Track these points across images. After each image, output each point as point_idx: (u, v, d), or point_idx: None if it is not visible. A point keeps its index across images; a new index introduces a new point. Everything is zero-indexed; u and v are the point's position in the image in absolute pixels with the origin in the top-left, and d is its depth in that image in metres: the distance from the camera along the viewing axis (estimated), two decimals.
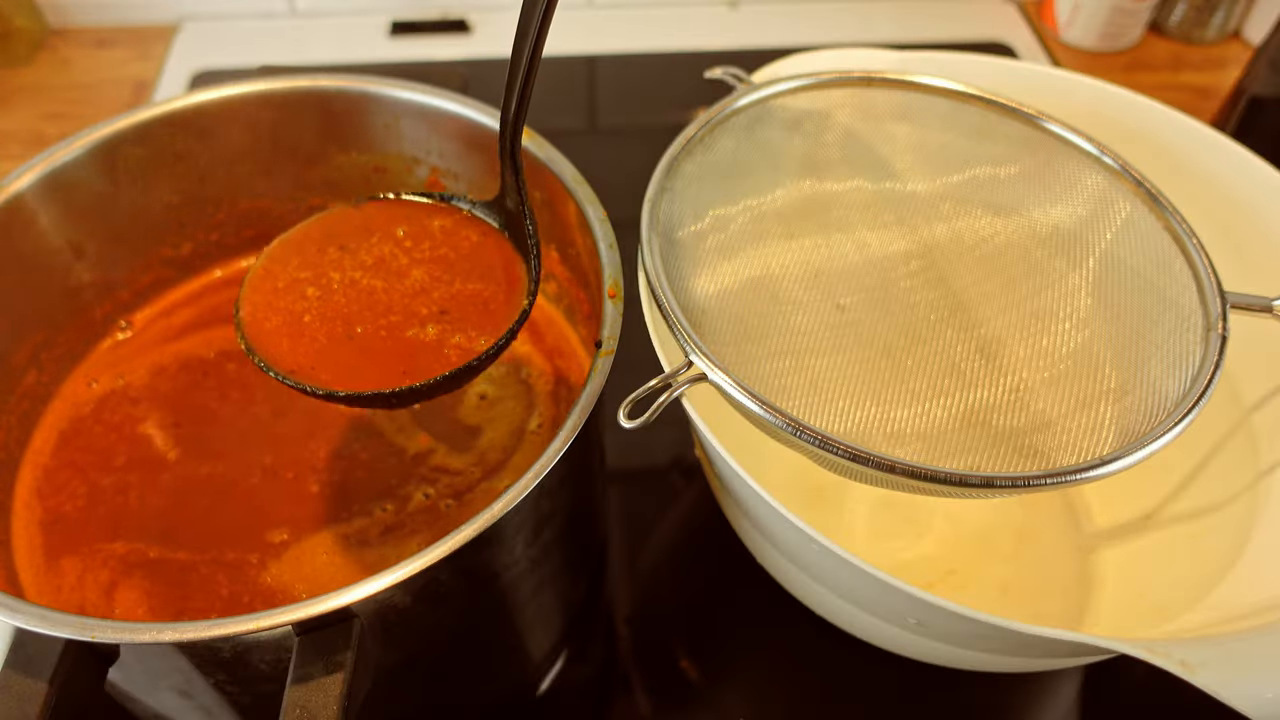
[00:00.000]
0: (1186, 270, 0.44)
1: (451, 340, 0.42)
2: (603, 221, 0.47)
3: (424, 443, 0.52)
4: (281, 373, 0.40)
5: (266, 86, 0.55)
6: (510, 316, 0.42)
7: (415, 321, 0.42)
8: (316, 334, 0.42)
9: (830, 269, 0.50)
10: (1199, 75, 0.90)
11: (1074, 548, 0.52)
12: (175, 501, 0.50)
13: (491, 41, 0.91)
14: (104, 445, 0.51)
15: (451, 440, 0.52)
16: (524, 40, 0.39)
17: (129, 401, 0.53)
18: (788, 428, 0.37)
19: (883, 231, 0.52)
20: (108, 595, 0.46)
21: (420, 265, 0.44)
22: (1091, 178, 0.48)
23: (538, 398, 0.54)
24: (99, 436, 0.52)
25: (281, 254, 0.45)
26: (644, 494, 0.59)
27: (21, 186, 0.49)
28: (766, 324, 0.49)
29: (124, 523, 0.49)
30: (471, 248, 0.45)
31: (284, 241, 0.45)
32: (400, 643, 0.41)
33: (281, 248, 0.45)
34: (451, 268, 0.44)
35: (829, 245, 0.51)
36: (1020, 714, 0.52)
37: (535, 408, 0.54)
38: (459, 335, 0.42)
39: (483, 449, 0.52)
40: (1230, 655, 0.33)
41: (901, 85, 0.51)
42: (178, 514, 0.49)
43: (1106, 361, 0.46)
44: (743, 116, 0.50)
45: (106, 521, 0.49)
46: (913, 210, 0.52)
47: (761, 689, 0.52)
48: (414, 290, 0.44)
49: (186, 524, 0.49)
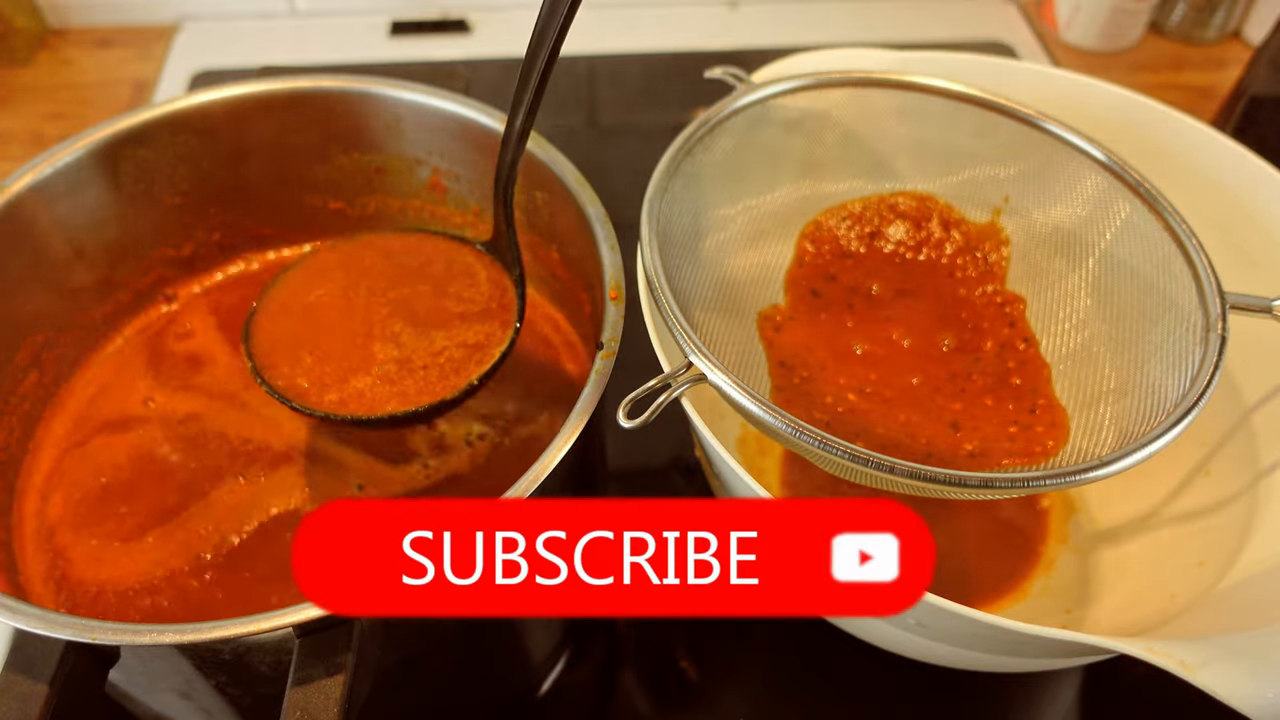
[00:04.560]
0: (1186, 270, 0.44)
1: (445, 367, 0.45)
2: (604, 223, 0.47)
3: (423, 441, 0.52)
4: (279, 390, 0.43)
5: (268, 87, 0.55)
6: (502, 342, 0.45)
7: (419, 348, 0.45)
8: (325, 356, 0.45)
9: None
10: (1199, 75, 0.90)
11: (1074, 548, 0.52)
12: (176, 501, 0.50)
13: (491, 41, 0.91)
14: (106, 445, 0.51)
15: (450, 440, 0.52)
16: (521, 95, 0.41)
17: (130, 401, 0.53)
18: (788, 428, 0.37)
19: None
20: (109, 595, 0.46)
21: (430, 294, 0.47)
22: (1091, 178, 0.48)
23: (540, 398, 0.54)
24: (101, 437, 0.52)
25: (298, 277, 0.48)
26: (644, 494, 0.59)
27: (22, 187, 0.49)
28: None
29: (126, 522, 0.49)
30: (475, 279, 0.48)
31: (302, 268, 0.48)
32: (401, 644, 0.41)
33: (300, 271, 0.48)
34: (458, 298, 0.47)
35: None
36: (1020, 714, 0.52)
37: (537, 408, 0.54)
38: (454, 361, 0.45)
39: (483, 449, 0.52)
40: (1230, 655, 0.33)
41: (901, 85, 0.51)
42: (179, 513, 0.49)
43: (1106, 362, 0.46)
44: (742, 116, 0.50)
45: (109, 521, 0.49)
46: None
47: (761, 689, 0.53)
48: (421, 316, 0.46)
49: (186, 523, 0.49)
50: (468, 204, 0.58)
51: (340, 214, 0.60)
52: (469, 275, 0.48)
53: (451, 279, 0.48)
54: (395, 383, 0.44)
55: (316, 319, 0.46)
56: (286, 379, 0.44)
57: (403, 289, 0.47)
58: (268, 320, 0.46)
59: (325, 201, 0.60)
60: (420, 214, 0.60)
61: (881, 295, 0.52)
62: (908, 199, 0.53)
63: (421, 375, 0.44)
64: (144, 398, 0.54)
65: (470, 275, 0.48)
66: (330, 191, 0.59)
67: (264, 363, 0.44)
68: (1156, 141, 0.52)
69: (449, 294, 0.47)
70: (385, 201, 0.60)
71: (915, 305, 0.52)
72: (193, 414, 0.53)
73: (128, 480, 0.50)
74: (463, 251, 0.49)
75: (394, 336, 0.45)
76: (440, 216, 0.60)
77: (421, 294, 0.47)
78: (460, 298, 0.47)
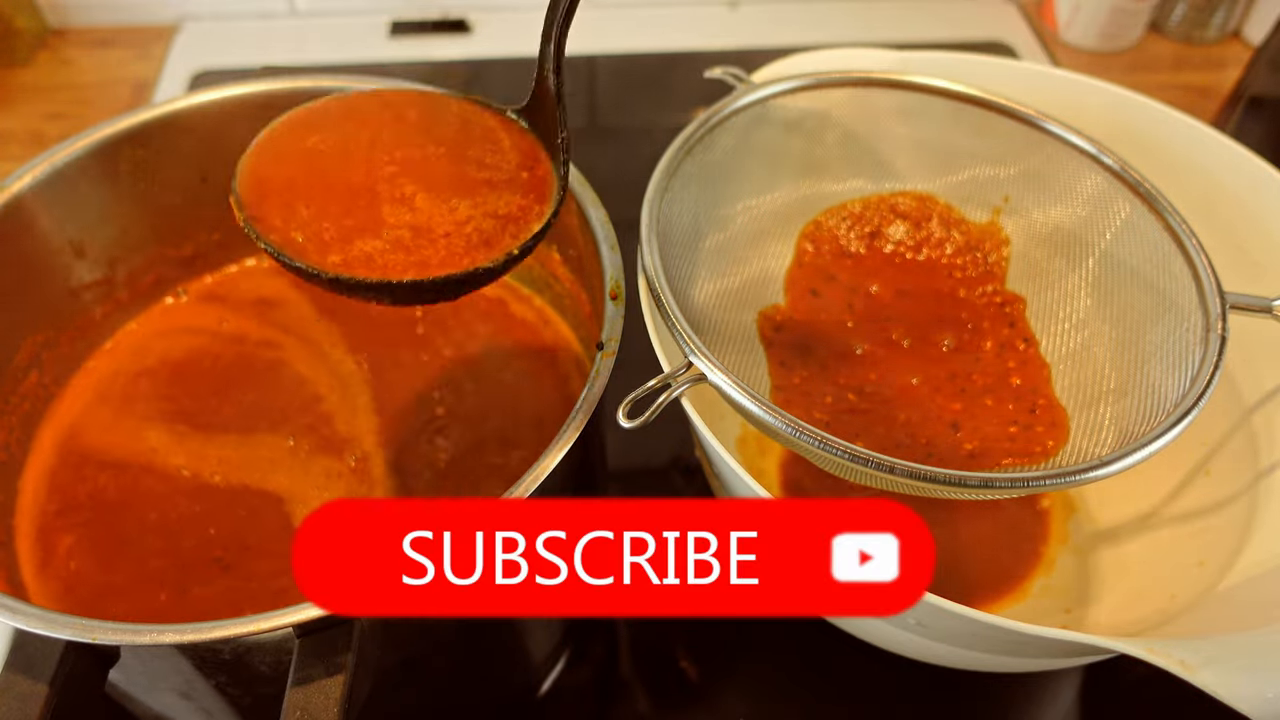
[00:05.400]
0: (1186, 270, 0.44)
1: (473, 238, 0.38)
2: (604, 223, 0.47)
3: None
4: (274, 245, 0.37)
5: (268, 87, 0.55)
6: (541, 216, 0.40)
7: (437, 214, 0.39)
8: (324, 211, 0.38)
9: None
10: (1199, 75, 0.90)
11: (1074, 548, 0.52)
12: (178, 500, 0.49)
13: (491, 41, 0.91)
14: (107, 445, 0.51)
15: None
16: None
17: (132, 402, 0.53)
18: (788, 428, 0.37)
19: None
20: (111, 596, 0.46)
21: (446, 157, 0.41)
22: (1091, 178, 0.48)
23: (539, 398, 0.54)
24: (102, 437, 0.52)
25: (295, 121, 0.41)
26: (644, 494, 0.59)
27: (22, 187, 0.49)
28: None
29: (127, 522, 0.49)
30: (499, 145, 0.42)
31: (299, 111, 0.42)
32: (401, 644, 0.41)
33: (297, 115, 0.42)
34: (479, 164, 0.41)
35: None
36: (1020, 714, 0.52)
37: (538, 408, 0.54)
38: (482, 233, 0.39)
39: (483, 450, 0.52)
40: (1230, 655, 0.33)
41: (901, 85, 0.51)
42: (179, 513, 0.49)
43: (1106, 362, 0.46)
44: (743, 116, 0.50)
45: (110, 521, 0.49)
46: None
47: (761, 689, 0.53)
48: (437, 181, 0.40)
49: (187, 524, 0.49)
50: None
51: None
52: (491, 141, 0.42)
53: (470, 143, 0.41)
54: (411, 251, 0.38)
55: (314, 170, 0.39)
56: (280, 233, 0.37)
57: (411, 149, 0.41)
58: (259, 164, 0.39)
59: None
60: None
61: (881, 295, 0.52)
62: (908, 199, 0.53)
63: (444, 244, 0.38)
64: (146, 397, 0.53)
65: (493, 141, 0.42)
66: None
67: (253, 214, 0.38)
68: (1156, 141, 0.52)
69: (468, 159, 0.41)
70: None
71: (915, 305, 0.52)
72: (195, 413, 0.53)
73: (123, 521, 0.50)
74: (483, 115, 0.43)
75: (406, 200, 0.39)
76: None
77: (435, 156, 0.41)
78: (482, 164, 0.41)
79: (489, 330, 0.57)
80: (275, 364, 0.55)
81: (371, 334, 0.56)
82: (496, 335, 0.57)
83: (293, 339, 0.56)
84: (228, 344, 0.56)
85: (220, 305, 0.58)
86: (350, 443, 0.51)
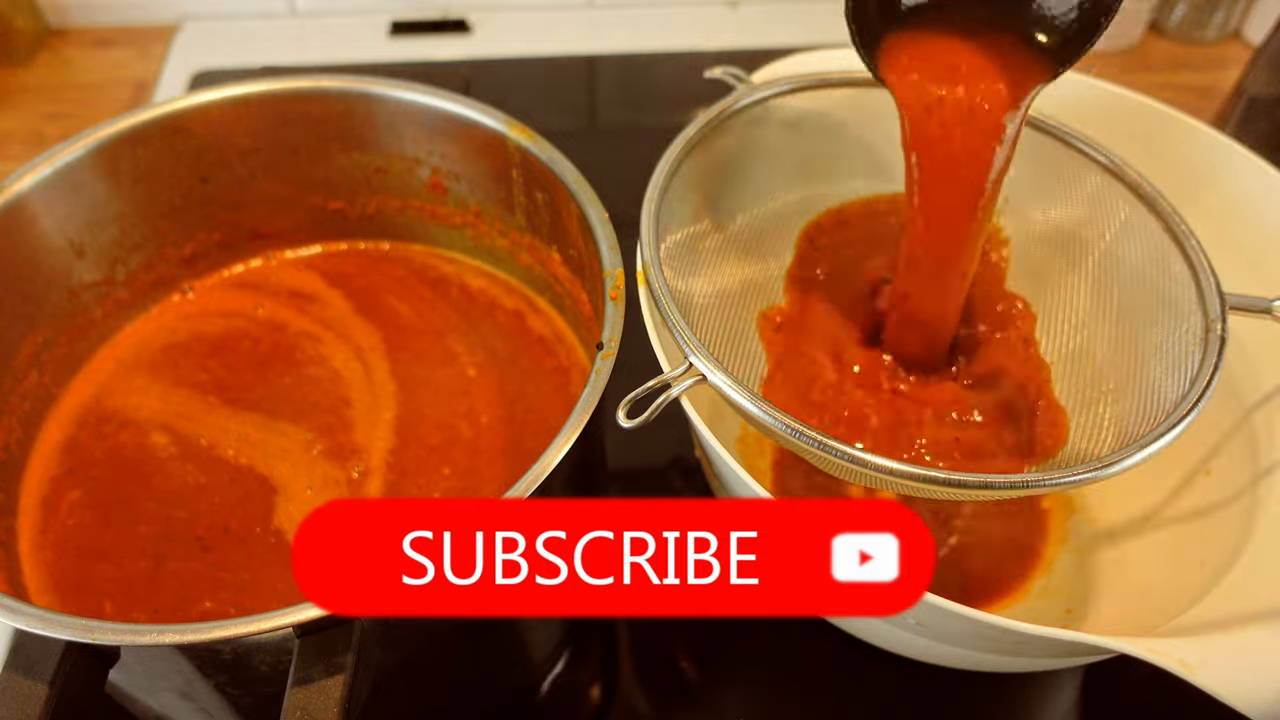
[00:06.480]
0: (1186, 271, 0.44)
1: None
2: (605, 224, 0.47)
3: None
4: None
5: (268, 87, 0.55)
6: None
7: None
8: None
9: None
10: (1199, 75, 0.90)
11: (1074, 548, 0.52)
12: (187, 467, 0.50)
13: (491, 41, 0.91)
14: (108, 445, 0.51)
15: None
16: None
17: (168, 368, 0.54)
18: (788, 429, 0.37)
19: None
20: (112, 596, 0.46)
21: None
22: (1091, 178, 0.48)
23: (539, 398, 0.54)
24: (102, 437, 0.52)
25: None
26: (644, 494, 0.59)
27: (22, 187, 0.49)
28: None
29: (127, 522, 0.49)
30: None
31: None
32: (401, 644, 0.41)
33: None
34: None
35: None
36: (1020, 714, 0.52)
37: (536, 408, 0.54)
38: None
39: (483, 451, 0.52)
40: (1230, 655, 0.33)
41: None
42: (182, 481, 0.49)
43: (1106, 362, 0.46)
44: (743, 116, 0.50)
45: (117, 479, 0.49)
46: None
47: (761, 689, 0.53)
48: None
49: (185, 494, 0.49)
50: (468, 204, 0.58)
51: (340, 214, 0.60)
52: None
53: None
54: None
55: None
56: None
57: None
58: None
59: (325, 201, 0.60)
60: (420, 214, 0.60)
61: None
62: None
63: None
64: (147, 397, 0.54)
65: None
66: (330, 191, 0.59)
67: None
68: (1156, 141, 0.52)
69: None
70: (385, 201, 0.60)
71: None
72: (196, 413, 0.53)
73: (129, 480, 0.50)
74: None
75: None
76: (440, 216, 0.60)
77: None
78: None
79: (510, 349, 0.56)
80: (316, 358, 0.55)
81: (405, 341, 0.56)
82: (517, 354, 0.56)
83: (333, 335, 0.57)
84: (267, 329, 0.56)
85: (255, 292, 0.59)
86: (359, 454, 0.51)
